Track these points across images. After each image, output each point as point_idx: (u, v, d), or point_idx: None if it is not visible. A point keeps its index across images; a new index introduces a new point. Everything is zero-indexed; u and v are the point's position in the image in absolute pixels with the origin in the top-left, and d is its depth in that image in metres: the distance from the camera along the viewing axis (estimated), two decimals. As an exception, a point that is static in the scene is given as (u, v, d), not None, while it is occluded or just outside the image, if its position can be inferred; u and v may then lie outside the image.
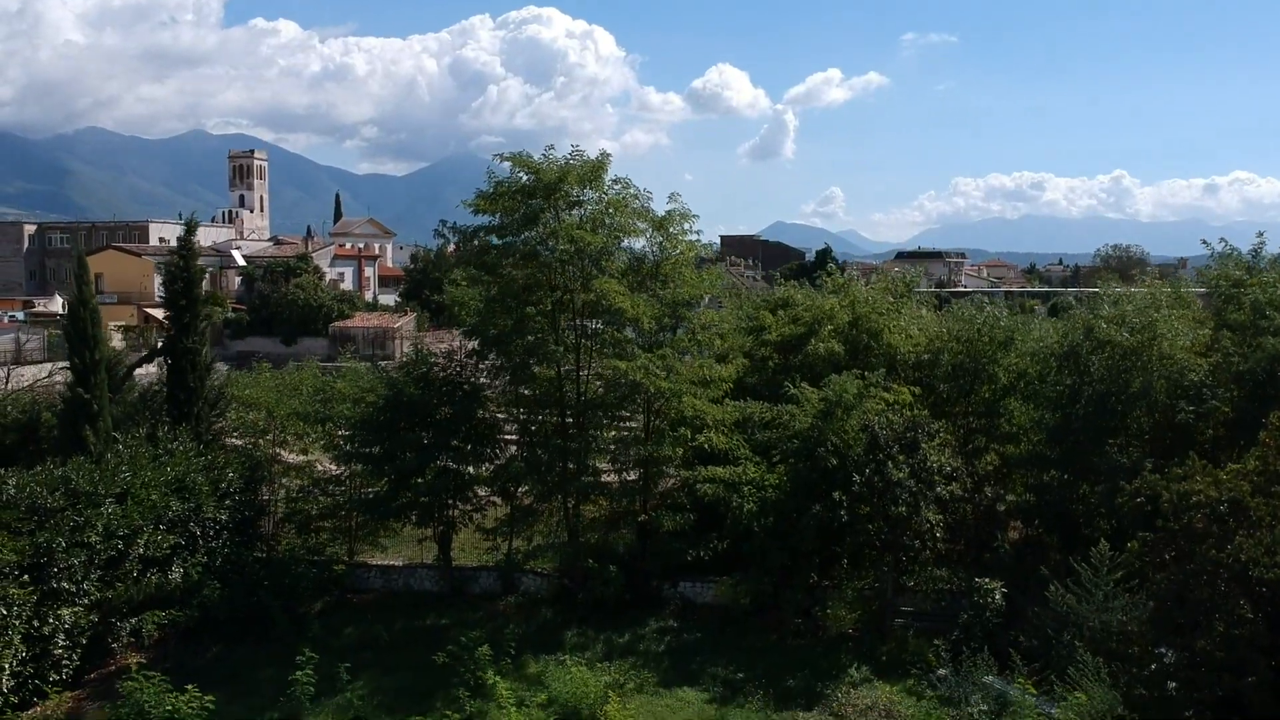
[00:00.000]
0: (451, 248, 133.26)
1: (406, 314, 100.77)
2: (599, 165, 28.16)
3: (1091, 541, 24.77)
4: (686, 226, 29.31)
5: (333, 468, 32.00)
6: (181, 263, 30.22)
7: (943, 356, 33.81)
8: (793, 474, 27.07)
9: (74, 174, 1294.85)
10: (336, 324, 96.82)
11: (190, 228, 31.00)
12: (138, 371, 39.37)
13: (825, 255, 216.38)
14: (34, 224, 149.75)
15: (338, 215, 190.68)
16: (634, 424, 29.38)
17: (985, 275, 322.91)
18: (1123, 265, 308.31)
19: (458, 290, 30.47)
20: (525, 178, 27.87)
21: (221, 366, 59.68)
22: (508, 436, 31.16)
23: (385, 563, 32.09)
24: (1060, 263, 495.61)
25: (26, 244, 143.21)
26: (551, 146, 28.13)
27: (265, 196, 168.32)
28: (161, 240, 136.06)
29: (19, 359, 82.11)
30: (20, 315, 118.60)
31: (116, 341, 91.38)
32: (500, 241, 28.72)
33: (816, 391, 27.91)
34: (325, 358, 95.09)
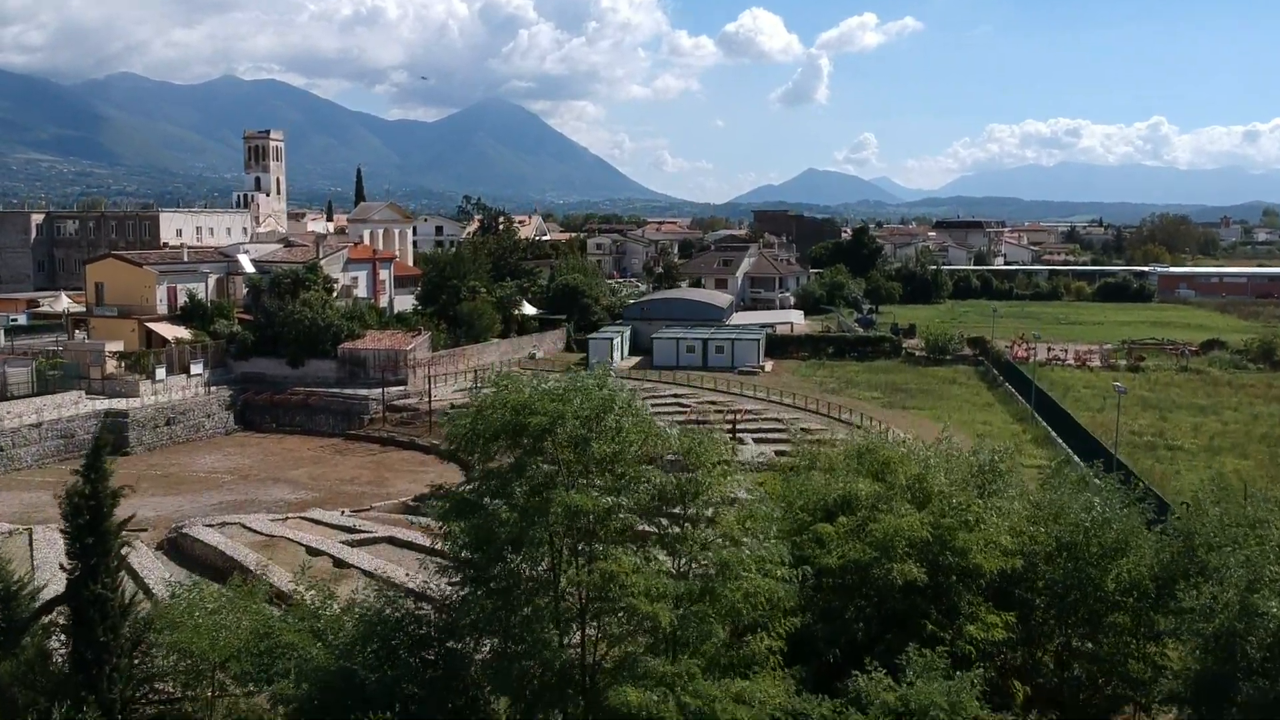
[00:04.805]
0: (474, 224, 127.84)
1: (420, 333, 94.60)
2: (606, 404, 21.79)
3: None
4: (721, 455, 22.98)
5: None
6: (88, 489, 24.06)
7: (1039, 565, 27.71)
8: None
9: (106, 119, 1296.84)
10: (346, 345, 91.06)
11: (100, 445, 24.64)
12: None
13: (862, 234, 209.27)
14: (41, 212, 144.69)
15: (359, 196, 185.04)
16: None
17: (1024, 242, 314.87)
18: (1168, 236, 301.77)
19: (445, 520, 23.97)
20: (508, 419, 21.54)
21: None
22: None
23: None
24: (1100, 222, 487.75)
25: (34, 233, 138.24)
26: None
27: (282, 179, 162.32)
28: (174, 236, 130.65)
29: (3, 394, 76.78)
30: (22, 319, 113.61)
31: (111, 366, 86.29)
32: (477, 498, 22.37)
33: (893, 692, 21.56)
34: (334, 382, 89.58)
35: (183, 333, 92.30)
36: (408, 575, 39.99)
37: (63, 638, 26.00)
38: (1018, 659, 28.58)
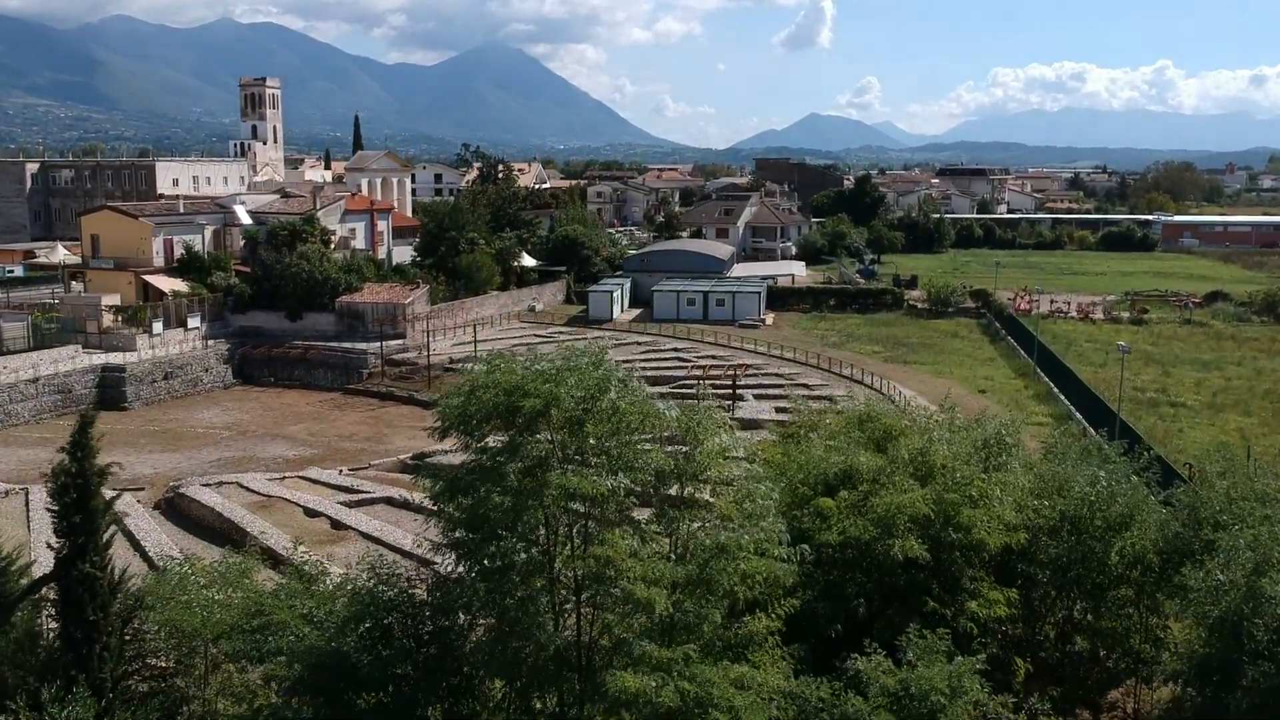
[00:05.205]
0: (473, 172, 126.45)
1: (418, 286, 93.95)
2: (602, 384, 21.19)
3: None
4: (720, 436, 22.49)
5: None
6: (75, 467, 23.60)
7: (1042, 539, 27.41)
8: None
9: (103, 64, 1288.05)
10: (344, 298, 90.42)
11: (87, 418, 24.10)
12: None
13: (864, 183, 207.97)
14: (36, 161, 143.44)
15: (357, 144, 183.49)
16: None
17: (1028, 189, 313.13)
18: (1173, 184, 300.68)
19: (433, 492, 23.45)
20: (500, 400, 20.98)
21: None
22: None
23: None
24: (1104, 169, 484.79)
25: (29, 183, 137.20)
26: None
27: (279, 127, 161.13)
28: (170, 185, 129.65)
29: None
30: (19, 270, 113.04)
31: (108, 320, 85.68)
32: (471, 478, 21.83)
33: (893, 675, 21.22)
34: (332, 335, 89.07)
35: (180, 285, 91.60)
36: (411, 542, 39.69)
37: (54, 611, 25.71)
38: (1019, 633, 28.31)
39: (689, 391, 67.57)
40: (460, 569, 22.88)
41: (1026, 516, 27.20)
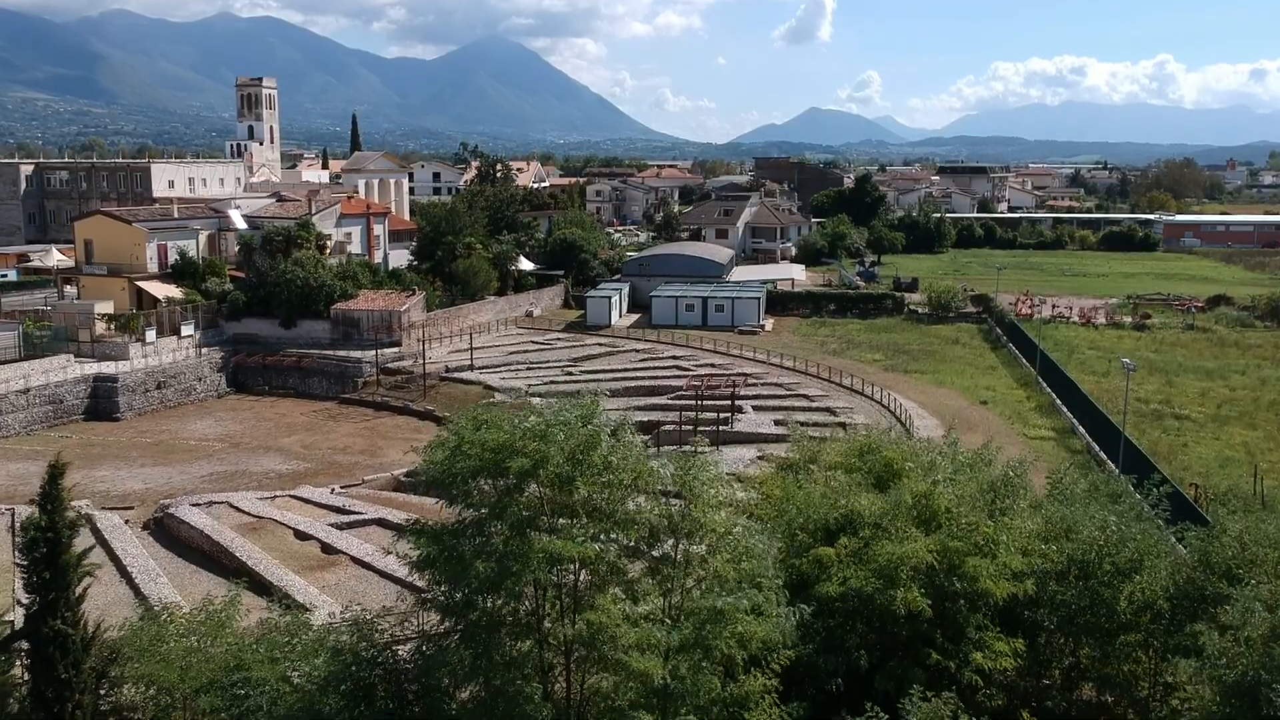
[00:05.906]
0: (472, 171, 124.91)
1: (414, 293, 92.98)
2: (591, 440, 20.30)
3: None
4: (716, 488, 21.61)
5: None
6: (45, 520, 22.72)
7: (1049, 585, 26.53)
8: None
9: (103, 58, 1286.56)
10: (339, 306, 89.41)
11: (57, 469, 23.18)
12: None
13: (864, 182, 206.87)
14: (31, 163, 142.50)
15: (354, 144, 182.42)
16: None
17: (1029, 187, 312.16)
18: (1174, 182, 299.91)
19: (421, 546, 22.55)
20: (487, 458, 20.09)
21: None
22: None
23: None
24: (1104, 165, 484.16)
25: (24, 185, 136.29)
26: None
27: (275, 127, 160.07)
28: (166, 187, 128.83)
29: (-10, 358, 75.27)
30: (13, 275, 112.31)
31: (101, 328, 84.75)
32: (454, 541, 20.92)
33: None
34: (328, 343, 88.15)
35: (174, 291, 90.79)
36: (404, 570, 38.79)
37: (27, 661, 24.88)
38: (1025, 683, 27.40)
39: (688, 403, 66.86)
40: (445, 625, 22.05)
41: (1033, 562, 26.31)
